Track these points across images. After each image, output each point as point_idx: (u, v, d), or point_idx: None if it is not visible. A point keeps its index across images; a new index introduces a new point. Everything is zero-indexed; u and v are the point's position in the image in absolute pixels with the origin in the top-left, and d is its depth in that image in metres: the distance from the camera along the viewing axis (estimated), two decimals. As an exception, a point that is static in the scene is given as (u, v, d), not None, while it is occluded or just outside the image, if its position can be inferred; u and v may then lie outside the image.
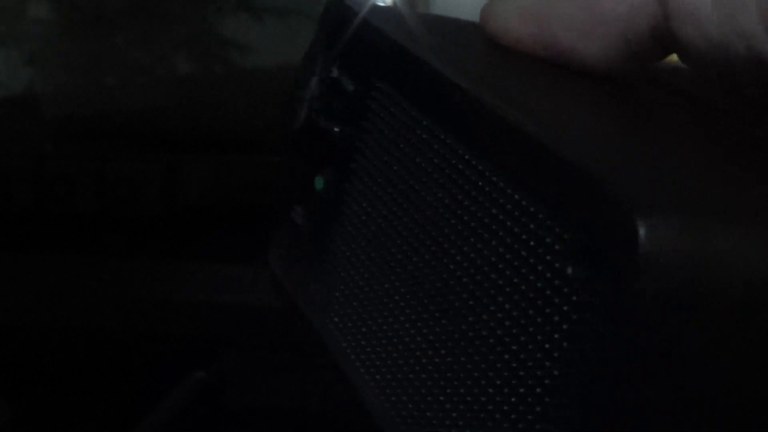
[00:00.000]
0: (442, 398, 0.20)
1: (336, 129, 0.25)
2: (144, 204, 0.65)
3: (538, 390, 0.18)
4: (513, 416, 0.19)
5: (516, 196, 0.19)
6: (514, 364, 0.18)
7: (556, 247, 0.18)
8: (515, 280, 0.19)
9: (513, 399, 0.19)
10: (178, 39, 0.76)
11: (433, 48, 0.22)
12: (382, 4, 0.25)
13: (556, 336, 0.18)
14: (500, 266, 0.19)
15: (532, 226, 0.18)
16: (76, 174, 0.65)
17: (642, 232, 0.16)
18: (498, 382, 0.19)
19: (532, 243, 0.18)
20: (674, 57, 0.24)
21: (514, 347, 0.19)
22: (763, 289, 0.17)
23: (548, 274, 0.18)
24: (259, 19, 0.76)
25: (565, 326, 0.17)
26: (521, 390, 0.18)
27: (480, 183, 0.20)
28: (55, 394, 0.62)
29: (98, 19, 0.75)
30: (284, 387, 0.59)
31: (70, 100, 0.73)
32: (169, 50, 0.76)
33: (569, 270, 0.17)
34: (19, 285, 0.62)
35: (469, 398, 0.20)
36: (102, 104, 0.73)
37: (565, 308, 0.17)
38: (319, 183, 0.26)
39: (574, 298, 0.17)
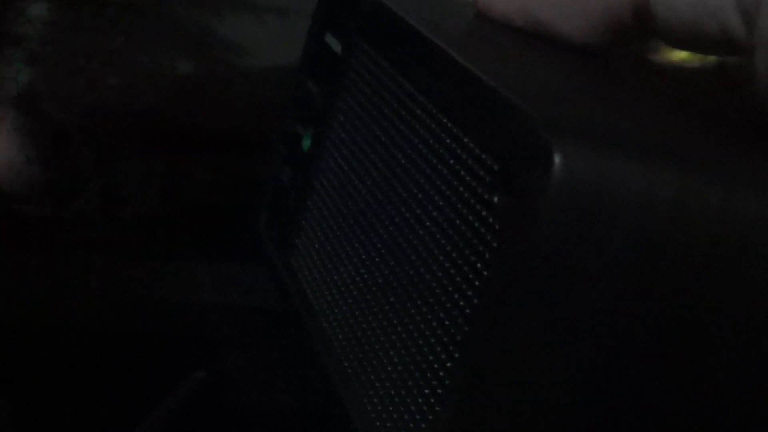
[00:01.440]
0: (387, 343, 0.21)
1: (316, 89, 0.27)
2: (144, 204, 0.65)
3: (460, 320, 0.19)
4: (439, 349, 0.19)
5: (459, 135, 0.20)
6: (443, 297, 0.19)
7: (487, 178, 0.19)
8: (451, 215, 0.19)
9: (439, 331, 0.19)
10: (179, 39, 0.76)
11: (408, 6, 0.23)
12: None
13: (479, 266, 0.18)
14: (441, 203, 0.20)
15: (470, 161, 0.19)
16: (76, 174, 0.65)
17: (556, 157, 0.16)
18: (429, 316, 0.20)
19: (467, 177, 0.19)
20: (681, 55, 0.25)
21: (445, 281, 0.19)
22: (669, 223, 0.17)
23: (478, 206, 0.19)
24: (259, 19, 0.76)
25: (487, 255, 0.18)
26: (446, 320, 0.19)
27: (431, 124, 0.21)
28: (55, 394, 0.62)
29: (98, 19, 0.75)
30: (284, 387, 0.59)
31: (70, 100, 0.73)
32: (169, 50, 0.76)
33: (495, 199, 0.18)
34: (19, 285, 0.62)
35: (405, 336, 0.20)
36: (102, 104, 0.73)
37: (489, 237, 0.18)
38: (306, 143, 0.27)
39: (497, 227, 0.18)
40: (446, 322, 0.19)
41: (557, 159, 0.17)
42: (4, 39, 0.75)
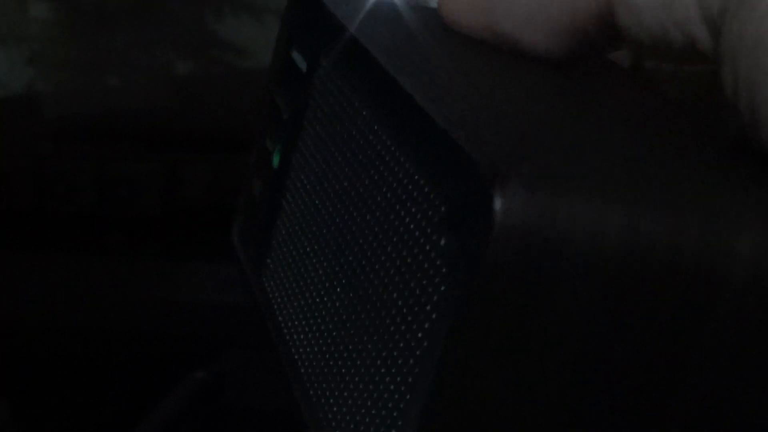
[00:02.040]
0: (348, 375, 0.21)
1: (283, 104, 0.26)
2: (144, 204, 0.65)
3: (411, 361, 0.18)
4: (392, 387, 0.19)
5: (412, 171, 0.20)
6: (396, 336, 0.19)
7: (435, 218, 0.18)
8: (403, 253, 0.19)
9: (393, 369, 0.19)
10: (179, 39, 0.76)
11: (362, 24, 0.23)
12: None
13: (428, 308, 0.18)
14: (395, 239, 0.20)
15: (421, 199, 0.19)
16: (76, 174, 0.65)
17: (497, 202, 0.16)
18: (384, 353, 0.19)
19: (419, 216, 0.19)
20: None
21: (398, 319, 0.19)
22: (622, 266, 0.17)
23: (427, 246, 0.18)
24: (259, 20, 0.76)
25: (435, 298, 0.18)
26: (399, 362, 0.19)
27: (385, 156, 0.21)
28: (55, 394, 0.62)
29: (98, 19, 0.75)
30: (284, 387, 0.59)
31: (70, 100, 0.73)
32: (169, 50, 0.76)
33: (442, 241, 0.18)
34: (19, 285, 0.63)
35: (363, 370, 0.20)
36: (102, 104, 0.73)
37: (437, 280, 0.18)
38: (275, 159, 0.27)
39: (444, 269, 0.18)
40: (399, 362, 0.19)
41: (498, 205, 0.16)
42: (5, 39, 0.75)
